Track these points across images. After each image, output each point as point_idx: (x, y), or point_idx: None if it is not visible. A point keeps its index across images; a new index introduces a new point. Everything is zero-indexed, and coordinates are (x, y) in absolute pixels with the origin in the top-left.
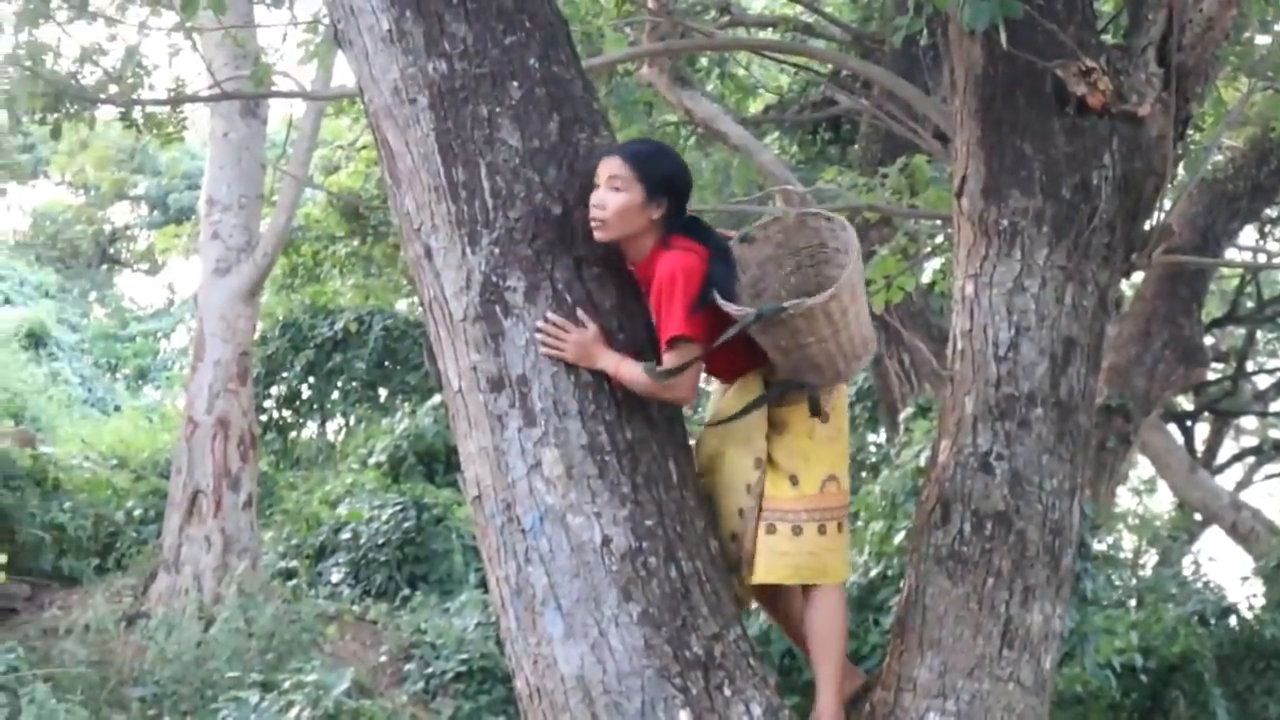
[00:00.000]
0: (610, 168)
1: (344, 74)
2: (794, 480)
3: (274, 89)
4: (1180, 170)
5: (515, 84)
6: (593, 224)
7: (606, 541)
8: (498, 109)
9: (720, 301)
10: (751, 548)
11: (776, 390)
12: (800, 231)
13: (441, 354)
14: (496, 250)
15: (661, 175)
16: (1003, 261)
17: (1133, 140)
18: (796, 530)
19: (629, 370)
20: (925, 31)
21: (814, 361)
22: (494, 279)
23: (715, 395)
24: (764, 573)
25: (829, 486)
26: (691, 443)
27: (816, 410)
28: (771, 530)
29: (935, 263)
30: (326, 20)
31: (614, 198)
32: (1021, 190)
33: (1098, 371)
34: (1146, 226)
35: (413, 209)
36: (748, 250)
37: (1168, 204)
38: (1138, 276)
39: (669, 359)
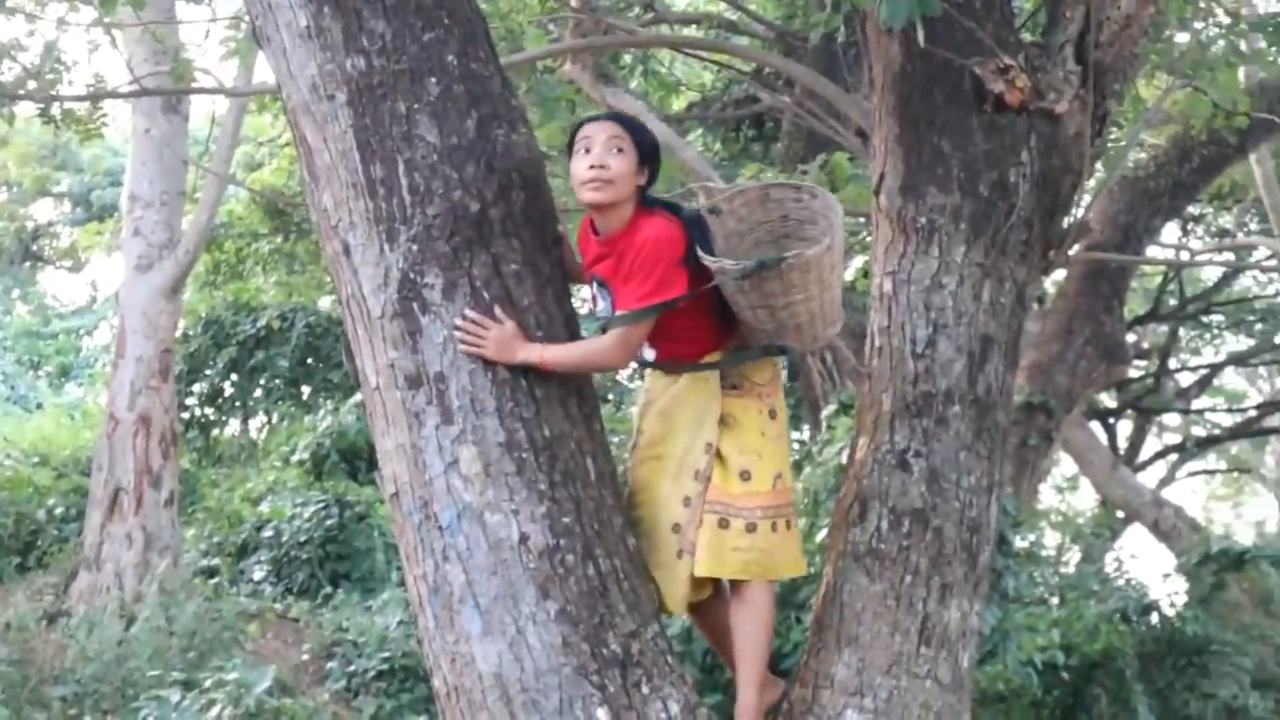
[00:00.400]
0: (608, 129)
1: (266, 70)
2: (746, 476)
3: (194, 85)
4: (1099, 167)
5: (433, 80)
6: (593, 185)
7: (524, 539)
8: (416, 105)
9: (706, 259)
10: (694, 538)
11: (757, 352)
12: (763, 205)
13: (359, 351)
14: (414, 247)
15: (650, 144)
16: (920, 259)
17: (1050, 138)
18: (751, 527)
19: (553, 353)
20: (844, 29)
21: (797, 321)
22: (412, 276)
23: (657, 386)
24: (715, 566)
25: (779, 484)
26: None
27: (796, 375)
28: (724, 525)
29: (858, 260)
30: (247, 16)
31: (617, 159)
32: (939, 187)
33: (1015, 369)
34: (1064, 224)
35: (330, 206)
36: (714, 223)
37: (1086, 201)
38: (1060, 273)
39: (626, 318)
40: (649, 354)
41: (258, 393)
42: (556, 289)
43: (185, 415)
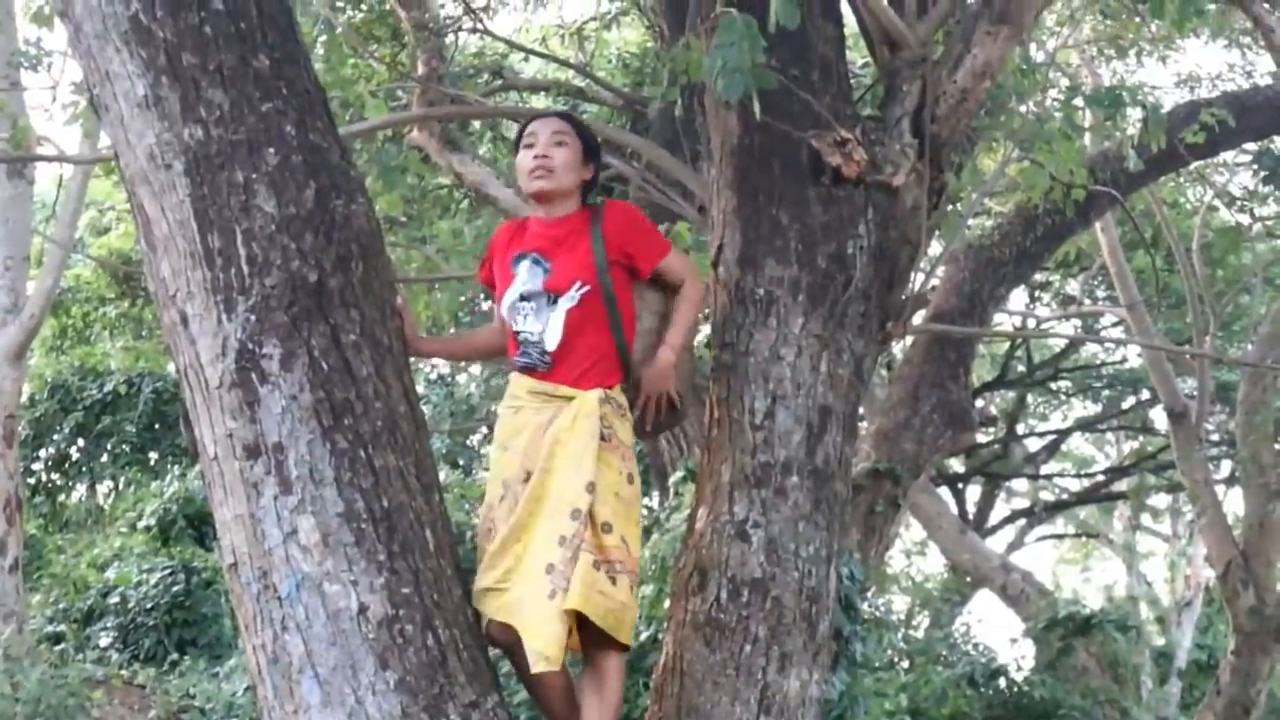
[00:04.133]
0: (552, 125)
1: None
2: (607, 529)
3: (36, 151)
4: (938, 236)
5: (272, 151)
6: (537, 174)
7: (363, 609)
8: (254, 175)
9: None
10: (569, 574)
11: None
12: None
13: (197, 421)
14: (253, 317)
15: (592, 141)
16: (759, 330)
17: (887, 210)
18: (613, 579)
19: (679, 336)
20: (682, 101)
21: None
22: (250, 346)
23: (531, 421)
24: (585, 602)
25: (631, 547)
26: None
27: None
28: (597, 567)
29: (706, 329)
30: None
31: (560, 151)
32: (777, 259)
33: (854, 439)
34: (902, 295)
35: (168, 275)
36: None
37: (925, 272)
38: (907, 340)
39: (678, 264)
40: (553, 333)
41: (104, 458)
42: (395, 360)
43: (31, 480)
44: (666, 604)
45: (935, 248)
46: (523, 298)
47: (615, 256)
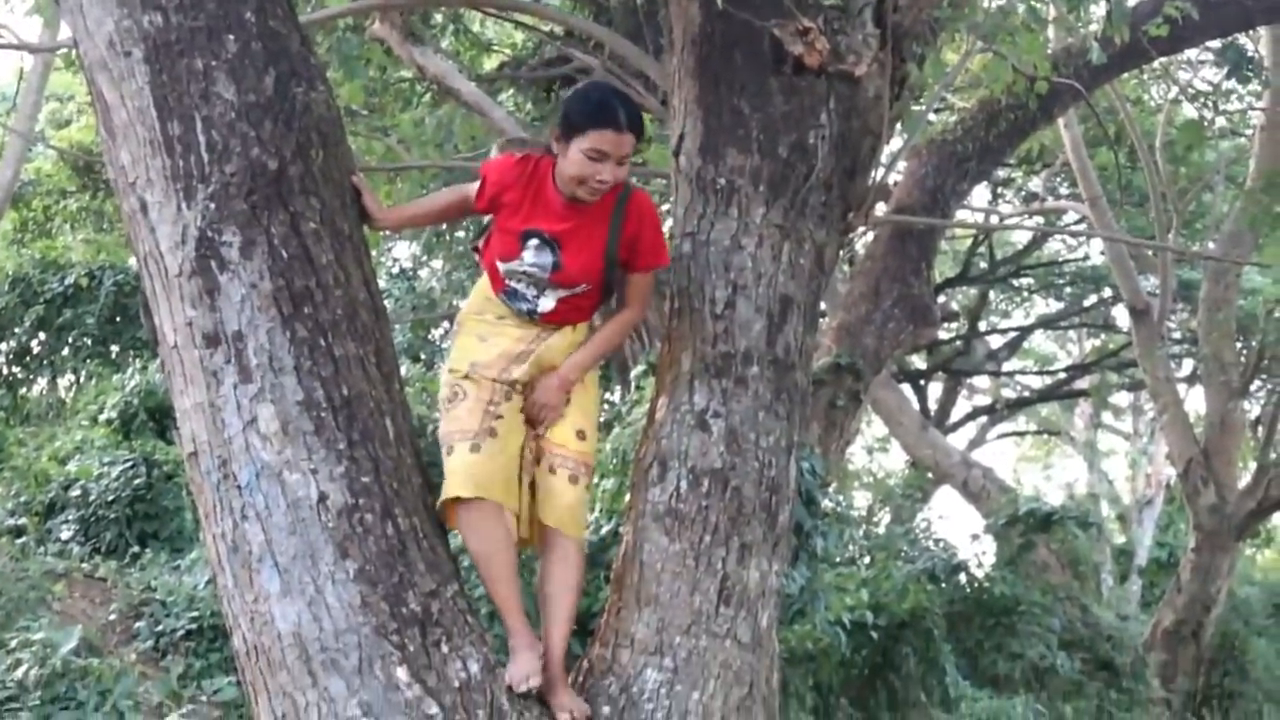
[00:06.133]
0: (627, 146)
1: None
2: (581, 435)
3: None
4: (899, 130)
5: (231, 38)
6: (594, 193)
7: (323, 498)
8: (214, 63)
9: None
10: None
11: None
12: None
13: (157, 309)
14: (212, 205)
15: (640, 137)
16: (720, 219)
17: (849, 100)
18: (574, 479)
19: (591, 354)
20: None
21: None
22: (209, 234)
23: (525, 334)
24: (572, 524)
25: (590, 441)
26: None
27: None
28: (552, 471)
29: (670, 222)
30: None
31: (623, 171)
32: (738, 149)
33: (815, 329)
34: (864, 186)
35: (128, 163)
36: None
37: (886, 163)
38: (869, 235)
39: (646, 285)
40: (546, 305)
41: (65, 351)
42: (355, 248)
43: None
44: (628, 497)
45: (897, 142)
46: (525, 274)
47: (622, 250)
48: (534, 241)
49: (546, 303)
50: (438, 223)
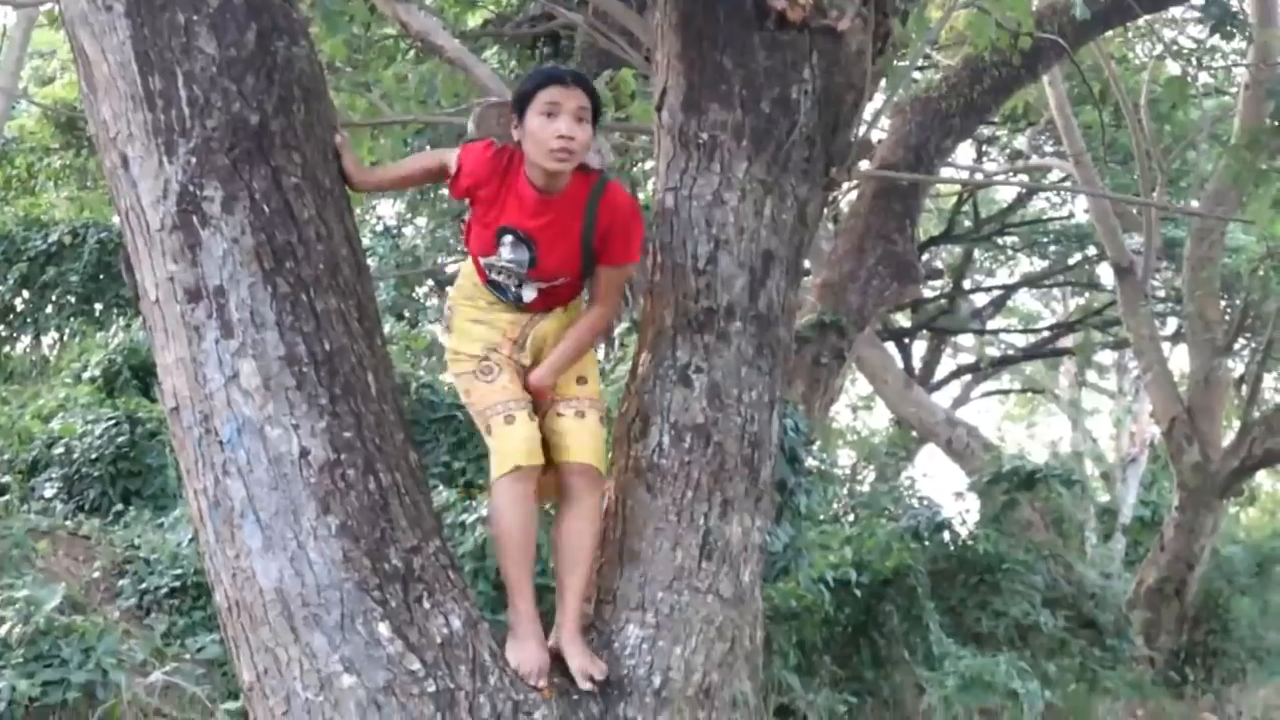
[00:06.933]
0: (577, 99)
1: None
2: (582, 380)
3: None
4: (883, 86)
5: None
6: (560, 155)
7: (305, 453)
8: (195, 17)
9: None
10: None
11: None
12: None
13: (139, 264)
14: (194, 160)
15: (599, 112)
16: (702, 174)
17: (832, 55)
18: (580, 414)
19: (563, 357)
20: None
21: None
22: (191, 189)
23: (520, 318)
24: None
25: (594, 384)
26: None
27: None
28: (559, 415)
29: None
30: None
31: (583, 130)
32: (721, 104)
33: (797, 285)
34: (847, 141)
35: (109, 118)
36: None
37: (870, 119)
38: (854, 193)
39: (619, 281)
40: (528, 295)
41: (49, 309)
42: (337, 203)
43: None
44: (610, 455)
45: (880, 99)
46: (504, 269)
47: (596, 242)
48: (509, 238)
49: (528, 293)
50: (416, 186)
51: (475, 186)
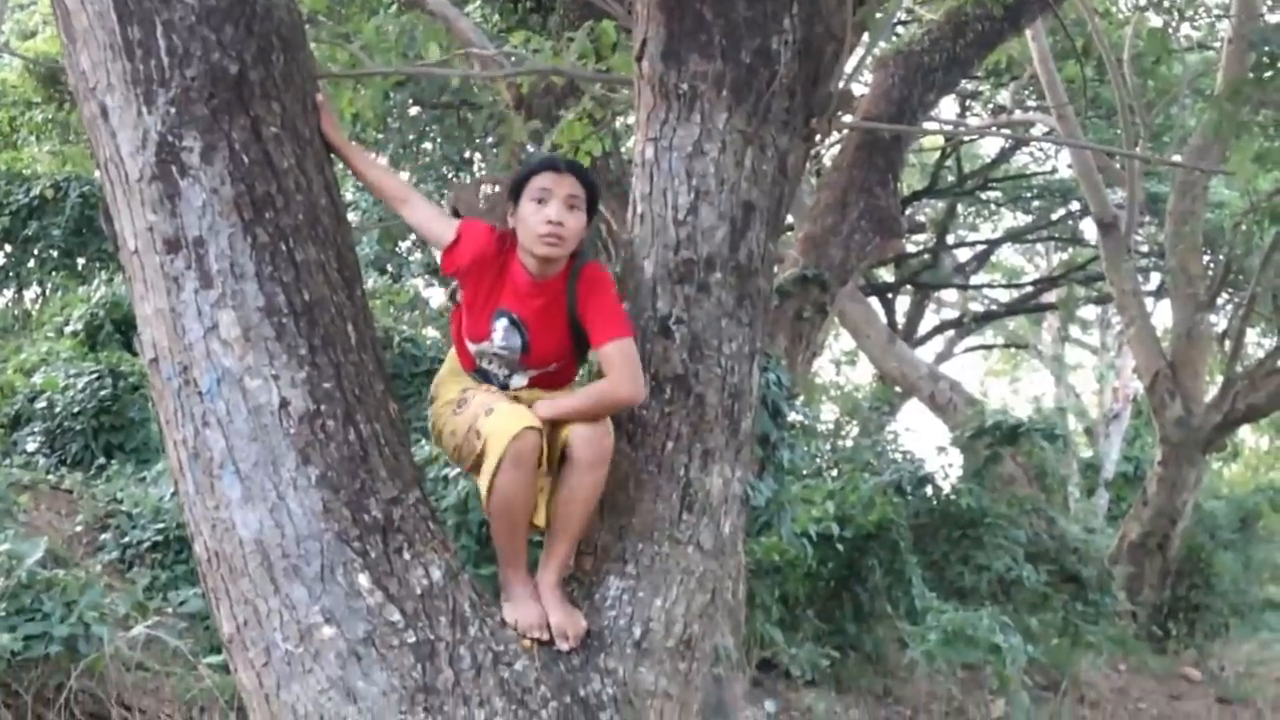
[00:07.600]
0: (568, 186)
1: None
2: None
3: None
4: (864, 39)
5: None
6: (549, 241)
7: (284, 404)
8: None
9: None
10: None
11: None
12: None
13: (118, 215)
14: (173, 110)
15: (596, 199)
16: (682, 125)
17: (812, 5)
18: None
19: (562, 406)
20: None
21: None
22: (170, 139)
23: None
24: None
25: None
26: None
27: None
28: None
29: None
30: None
31: (575, 218)
32: (701, 54)
33: (778, 236)
34: (827, 92)
35: (88, 67)
36: None
37: (855, 73)
38: (836, 147)
39: (624, 354)
40: (518, 383)
41: (31, 263)
42: (317, 153)
43: None
44: None
45: (861, 51)
46: (496, 355)
47: (581, 321)
48: (503, 322)
49: (519, 380)
50: (379, 199)
51: (475, 265)
